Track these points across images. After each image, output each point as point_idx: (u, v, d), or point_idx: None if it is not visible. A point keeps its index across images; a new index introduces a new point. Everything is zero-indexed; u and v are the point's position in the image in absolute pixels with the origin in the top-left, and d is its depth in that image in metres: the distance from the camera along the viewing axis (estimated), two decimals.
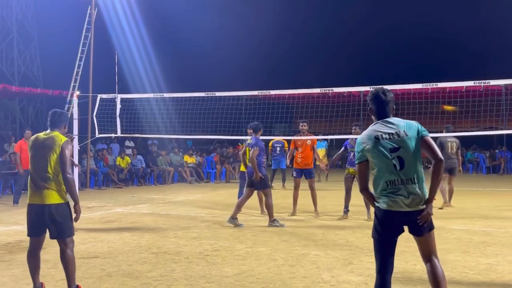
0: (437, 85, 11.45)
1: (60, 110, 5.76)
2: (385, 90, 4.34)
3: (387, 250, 4.24)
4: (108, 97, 13.03)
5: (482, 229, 9.46)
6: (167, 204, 13.71)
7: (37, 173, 5.22)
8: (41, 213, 5.16)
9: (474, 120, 14.26)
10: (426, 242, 4.27)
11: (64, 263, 5.22)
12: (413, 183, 4.13)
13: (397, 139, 4.16)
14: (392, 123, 4.26)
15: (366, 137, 4.27)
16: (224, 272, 6.31)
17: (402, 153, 4.13)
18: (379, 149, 4.17)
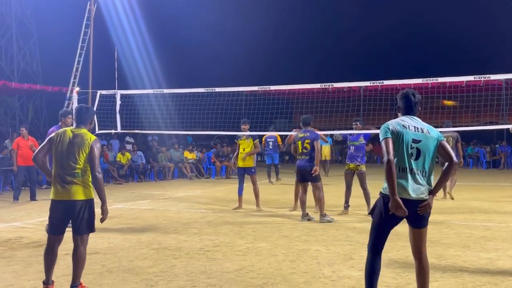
0: (437, 80, 11.45)
1: (86, 106, 5.72)
2: (415, 92, 4.76)
3: (383, 234, 4.57)
4: (108, 93, 13.03)
5: (482, 224, 9.47)
6: (167, 200, 13.71)
7: (64, 170, 5.21)
8: (69, 209, 5.17)
9: (474, 114, 14.26)
10: (421, 236, 4.55)
11: (75, 259, 5.21)
12: (422, 175, 4.48)
13: (420, 133, 4.53)
14: (417, 120, 4.68)
15: (395, 122, 4.62)
16: (225, 268, 6.31)
17: (421, 146, 4.49)
18: (403, 136, 4.49)
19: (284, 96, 17.44)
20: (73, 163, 5.20)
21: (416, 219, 4.48)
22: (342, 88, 15.17)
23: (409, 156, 4.47)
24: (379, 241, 4.57)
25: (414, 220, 4.50)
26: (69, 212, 5.20)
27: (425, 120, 4.71)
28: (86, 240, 5.30)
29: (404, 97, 4.76)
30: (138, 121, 15.02)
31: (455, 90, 15.77)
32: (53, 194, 5.27)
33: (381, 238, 4.57)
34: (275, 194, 14.73)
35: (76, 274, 5.20)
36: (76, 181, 5.18)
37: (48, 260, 5.26)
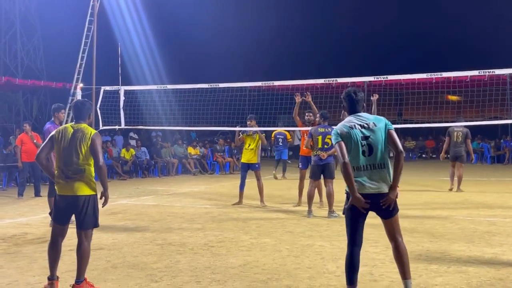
0: (442, 75, 11.43)
1: (82, 100, 5.73)
2: (356, 90, 4.93)
3: (357, 226, 4.77)
4: (112, 89, 13.03)
5: (487, 219, 9.45)
6: (171, 195, 13.73)
7: (67, 166, 5.24)
8: (72, 203, 5.22)
9: (478, 109, 14.22)
10: (392, 225, 4.79)
11: (79, 255, 5.23)
12: (379, 168, 4.70)
13: (367, 129, 4.73)
14: (362, 116, 4.86)
15: (341, 126, 4.83)
16: (229, 263, 6.31)
17: (372, 141, 4.69)
18: (352, 136, 4.71)
19: (288, 92, 17.40)
20: (76, 158, 5.23)
21: (382, 211, 4.74)
22: (346, 83, 15.11)
23: (362, 153, 4.68)
24: (355, 234, 4.76)
25: (381, 212, 4.76)
26: (73, 206, 5.24)
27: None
28: (90, 235, 5.33)
29: (346, 97, 4.94)
30: (142, 117, 15.03)
31: (459, 85, 15.72)
32: (57, 189, 5.32)
33: (356, 230, 4.76)
34: (279, 190, 14.72)
35: (80, 270, 5.21)
36: (80, 177, 5.22)
37: (52, 254, 5.27)
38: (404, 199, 12.25)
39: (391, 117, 28.70)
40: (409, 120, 25.58)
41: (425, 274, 5.77)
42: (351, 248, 4.74)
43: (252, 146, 11.60)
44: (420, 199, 12.35)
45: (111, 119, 13.15)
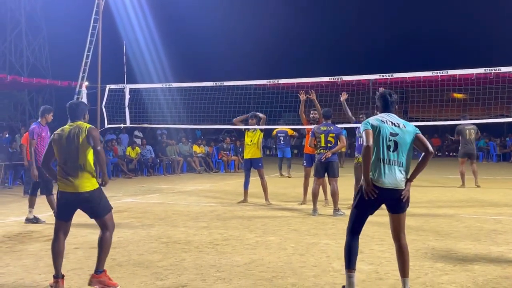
0: (447, 73, 11.38)
1: (76, 102, 5.78)
2: (391, 92, 5.15)
3: (362, 218, 4.98)
4: (117, 88, 13.04)
5: (493, 217, 9.42)
6: (176, 194, 13.74)
7: (69, 164, 5.31)
8: (74, 200, 5.28)
9: (484, 107, 14.16)
10: (399, 221, 4.93)
11: (100, 244, 5.33)
12: (399, 165, 4.85)
13: (397, 128, 4.92)
14: (394, 116, 5.07)
15: (373, 118, 5.05)
16: (234, 261, 6.31)
17: (398, 139, 4.87)
18: (381, 129, 4.88)
19: (293, 90, 17.39)
20: (75, 155, 5.29)
21: (393, 205, 4.90)
22: (351, 81, 15.12)
23: (387, 148, 4.85)
24: (358, 224, 4.97)
25: (391, 206, 4.92)
26: (76, 203, 5.31)
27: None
28: (110, 224, 5.41)
29: (381, 97, 5.15)
30: (147, 115, 15.04)
31: (465, 83, 15.64)
32: (60, 186, 5.36)
33: (360, 221, 4.97)
34: (284, 188, 14.71)
35: (100, 260, 5.30)
36: (80, 174, 5.26)
37: (55, 251, 5.29)
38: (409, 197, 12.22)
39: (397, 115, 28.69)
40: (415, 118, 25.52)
41: (431, 273, 5.76)
42: (352, 235, 4.95)
43: (254, 141, 11.64)
44: (425, 197, 12.32)
45: (116, 118, 13.17)
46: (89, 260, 6.37)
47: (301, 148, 29.43)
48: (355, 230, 4.96)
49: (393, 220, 4.95)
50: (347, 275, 4.91)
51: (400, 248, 4.91)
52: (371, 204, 4.91)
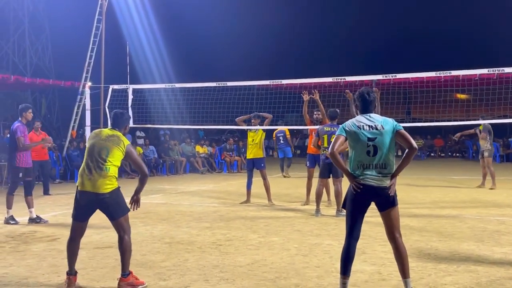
0: (450, 73, 11.37)
1: (121, 111, 5.89)
2: (370, 91, 5.11)
3: (357, 220, 4.99)
4: (120, 88, 13.06)
5: (496, 218, 9.40)
6: (179, 194, 13.75)
7: (94, 162, 5.37)
8: (93, 200, 5.34)
9: (488, 108, 14.13)
10: (391, 218, 4.89)
11: (120, 249, 5.41)
12: (382, 167, 4.84)
13: (375, 131, 4.88)
14: (372, 117, 5.00)
15: (350, 123, 5.01)
16: (237, 262, 6.31)
17: (377, 143, 4.85)
18: (359, 136, 4.88)
19: (296, 90, 17.39)
20: (104, 156, 5.37)
21: (381, 202, 4.91)
22: (354, 82, 15.09)
23: (367, 153, 4.85)
24: (355, 227, 4.96)
25: (379, 204, 4.92)
26: (95, 203, 5.38)
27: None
28: (126, 226, 5.46)
29: (360, 96, 5.11)
30: (150, 115, 15.04)
31: (468, 84, 15.61)
32: (79, 185, 5.41)
33: (355, 224, 4.97)
34: (287, 188, 14.71)
35: (124, 263, 5.38)
36: (102, 174, 5.34)
37: (71, 250, 5.41)
38: (412, 198, 12.22)
39: (400, 115, 28.59)
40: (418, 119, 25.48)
41: (434, 274, 5.75)
42: (349, 240, 4.96)
43: (256, 140, 11.65)
44: (428, 198, 12.31)
45: None
46: (92, 260, 6.38)
47: (304, 148, 29.47)
48: (351, 234, 4.97)
49: (384, 218, 4.95)
50: (341, 281, 4.93)
51: (397, 249, 4.89)
52: (360, 204, 4.94)
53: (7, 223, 9.14)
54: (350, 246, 4.96)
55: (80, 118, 19.33)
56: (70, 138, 19.20)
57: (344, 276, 4.91)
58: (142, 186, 5.61)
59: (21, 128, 9.28)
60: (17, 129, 9.21)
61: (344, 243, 5.01)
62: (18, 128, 9.22)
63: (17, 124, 9.31)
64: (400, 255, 4.86)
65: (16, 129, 9.22)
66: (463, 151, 29.85)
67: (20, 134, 9.19)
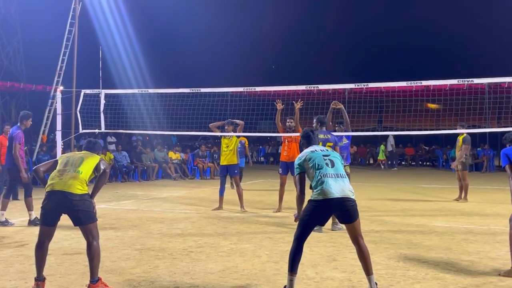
0: (421, 83, 11.54)
1: (94, 140, 6.03)
2: (313, 130, 5.95)
3: (309, 229, 5.36)
4: (92, 93, 12.94)
5: (464, 226, 9.55)
6: (151, 200, 13.66)
7: (68, 167, 5.48)
8: (62, 201, 5.33)
9: (457, 118, 14.36)
10: (354, 228, 5.31)
11: (89, 255, 5.38)
12: (343, 177, 5.36)
13: (326, 151, 5.60)
14: (319, 146, 5.75)
15: (303, 153, 5.60)
16: (208, 269, 6.30)
17: (332, 158, 5.47)
18: (316, 155, 5.46)
19: (269, 98, 17.48)
20: (78, 163, 5.52)
21: (344, 215, 5.29)
22: (327, 90, 15.24)
23: (326, 165, 5.36)
24: (305, 233, 5.34)
25: (343, 217, 5.34)
26: (63, 205, 5.34)
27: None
28: (95, 232, 5.45)
29: (306, 136, 5.81)
30: (123, 120, 14.93)
31: (438, 94, 15.89)
32: (49, 186, 5.41)
33: (307, 231, 5.35)
34: (260, 195, 14.73)
35: (93, 270, 5.34)
36: (74, 176, 5.39)
37: (39, 254, 5.35)
38: (382, 206, 12.36)
39: (371, 124, 28.97)
40: (389, 128, 25.80)
41: (403, 281, 5.82)
42: (298, 242, 5.31)
43: (231, 147, 11.67)
44: (398, 206, 12.45)
45: (91, 123, 13.04)
46: (60, 266, 6.30)
47: (277, 156, 29.53)
48: (302, 237, 5.32)
49: (348, 228, 5.36)
50: (289, 278, 5.23)
51: (360, 249, 5.27)
52: (321, 216, 5.38)
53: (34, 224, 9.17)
54: (299, 247, 5.32)
55: (51, 123, 19.09)
56: (40, 143, 18.95)
57: (292, 273, 5.23)
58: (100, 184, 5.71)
59: (20, 134, 9.59)
60: (17, 135, 9.52)
61: (293, 244, 5.32)
62: (18, 135, 9.54)
63: (18, 131, 9.63)
64: (363, 254, 5.25)
65: (17, 135, 9.53)
66: (433, 160, 30.27)
67: (17, 141, 9.48)
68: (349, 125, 10.64)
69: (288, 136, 11.39)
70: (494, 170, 26.30)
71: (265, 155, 33.31)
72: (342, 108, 10.43)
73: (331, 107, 10.39)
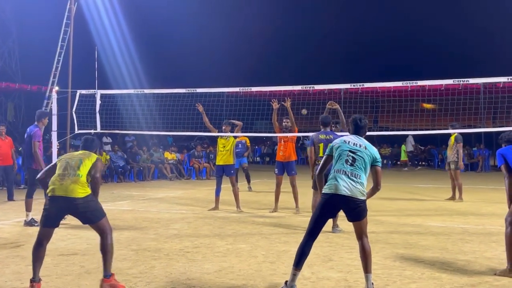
0: (417, 83, 11.55)
1: (92, 137, 6.10)
2: (362, 118, 5.76)
3: (320, 223, 5.41)
4: (88, 93, 12.91)
5: (460, 226, 9.57)
6: (147, 201, 13.64)
7: (67, 171, 5.48)
8: (64, 206, 5.38)
9: (453, 118, 14.37)
10: (360, 227, 5.38)
11: (103, 251, 5.45)
12: (356, 178, 5.33)
13: (357, 147, 5.48)
14: (360, 138, 5.64)
15: (338, 139, 5.70)
16: (205, 269, 6.29)
17: (357, 156, 5.42)
18: (344, 147, 5.49)
19: (265, 98, 17.47)
20: (77, 166, 5.51)
21: (351, 213, 5.37)
22: (323, 90, 15.25)
23: (345, 161, 5.39)
24: (317, 228, 5.39)
25: (350, 214, 5.40)
26: (66, 209, 5.43)
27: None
28: (107, 226, 5.56)
29: (353, 121, 5.76)
30: (118, 121, 14.89)
31: (434, 94, 15.93)
32: (50, 191, 5.42)
33: (318, 226, 5.39)
34: (256, 196, 14.73)
35: (106, 265, 5.41)
36: (74, 180, 5.39)
37: (36, 254, 5.38)
38: (378, 206, 12.36)
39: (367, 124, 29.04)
40: (385, 127, 25.84)
41: (399, 281, 5.83)
42: (308, 238, 5.36)
43: (228, 147, 11.66)
44: (394, 206, 12.47)
45: (86, 123, 13.01)
46: (56, 267, 6.28)
47: (273, 156, 29.54)
48: (312, 234, 5.38)
49: (354, 226, 5.45)
50: (293, 272, 5.27)
51: (363, 247, 5.34)
52: (329, 209, 5.44)
53: (30, 225, 9.20)
54: (308, 243, 5.35)
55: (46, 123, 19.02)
56: None
57: (296, 268, 5.28)
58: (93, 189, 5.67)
59: (39, 133, 9.72)
60: (36, 133, 9.64)
61: (303, 240, 5.38)
62: (37, 132, 9.67)
63: (36, 129, 9.74)
64: (365, 253, 5.31)
65: (35, 133, 9.64)
66: (428, 159, 30.33)
67: (37, 139, 9.60)
68: (345, 125, 10.64)
69: (284, 136, 11.40)
70: (490, 170, 26.38)
71: (261, 155, 33.33)
72: (338, 108, 10.41)
73: (327, 107, 10.40)
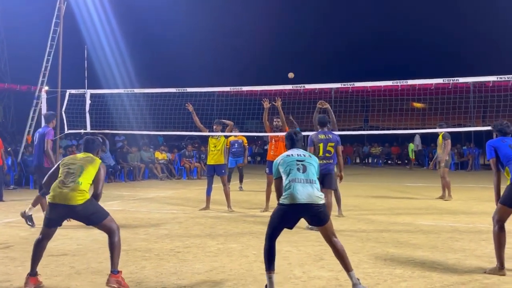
0: (407, 82, 11.60)
1: (92, 138, 6.11)
2: (297, 132, 5.90)
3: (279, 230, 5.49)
4: (77, 93, 12.85)
5: (450, 225, 9.61)
6: (137, 201, 13.59)
7: (68, 178, 5.52)
8: (64, 213, 5.49)
9: (442, 117, 14.48)
10: (326, 230, 5.39)
11: (111, 249, 5.58)
12: (312, 183, 5.38)
13: (302, 157, 5.58)
14: (299, 149, 5.77)
15: (278, 158, 5.70)
16: (196, 269, 6.28)
17: (306, 163, 5.51)
18: (289, 160, 5.55)
19: (256, 97, 17.48)
20: (79, 172, 5.55)
21: (313, 219, 5.45)
22: (313, 90, 15.27)
23: (297, 170, 5.43)
24: (275, 234, 5.45)
25: (312, 220, 5.50)
26: (66, 215, 5.57)
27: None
28: (113, 225, 5.68)
29: (287, 137, 5.90)
30: (108, 120, 14.84)
31: (424, 93, 15.99)
32: (50, 198, 5.50)
33: (277, 232, 5.46)
34: (247, 195, 14.73)
35: (113, 261, 5.51)
36: (74, 187, 5.45)
37: (37, 250, 5.49)
38: (369, 204, 12.41)
39: (358, 123, 29.10)
40: (375, 127, 25.92)
41: (390, 279, 5.84)
42: (270, 242, 5.41)
43: (219, 147, 11.65)
44: (385, 205, 12.51)
45: (76, 123, 12.96)
46: (46, 268, 6.23)
47: (263, 155, 29.52)
48: (273, 237, 5.42)
49: (320, 230, 5.46)
50: (268, 276, 5.30)
51: (335, 248, 5.35)
52: (288, 220, 5.45)
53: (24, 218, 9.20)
54: (272, 246, 5.41)
55: (36, 123, 18.93)
56: (25, 143, 18.77)
57: (270, 271, 5.31)
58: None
59: (51, 132, 9.90)
60: (49, 132, 9.82)
61: (265, 245, 5.42)
62: (50, 132, 9.87)
63: (48, 129, 9.90)
64: (339, 253, 5.33)
65: (49, 132, 9.83)
66: (419, 158, 30.46)
67: (50, 138, 9.79)
68: (336, 124, 10.66)
69: (275, 136, 11.41)
70: (479, 168, 26.53)
71: (251, 155, 33.31)
72: (328, 108, 10.43)
73: (317, 106, 10.42)
